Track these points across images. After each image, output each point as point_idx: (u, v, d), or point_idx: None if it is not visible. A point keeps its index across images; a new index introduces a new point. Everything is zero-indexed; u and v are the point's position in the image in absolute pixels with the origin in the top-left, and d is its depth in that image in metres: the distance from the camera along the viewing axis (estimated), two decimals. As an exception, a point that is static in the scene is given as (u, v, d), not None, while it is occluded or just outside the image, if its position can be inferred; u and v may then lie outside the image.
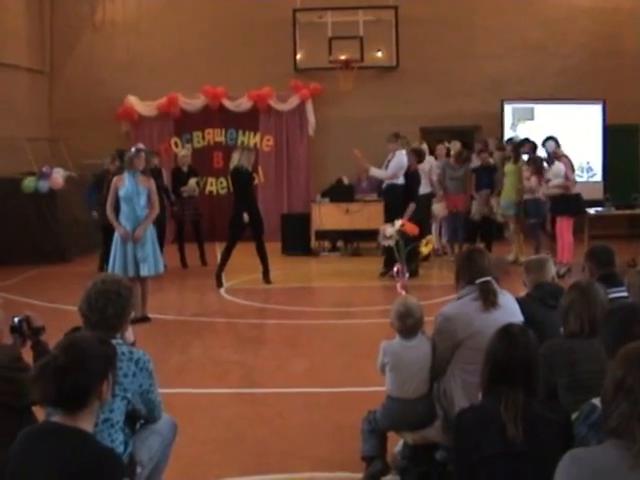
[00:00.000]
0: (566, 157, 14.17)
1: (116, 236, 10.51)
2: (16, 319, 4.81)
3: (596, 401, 3.51)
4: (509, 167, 15.00)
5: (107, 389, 3.60)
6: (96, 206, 14.22)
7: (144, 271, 10.43)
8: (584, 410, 3.56)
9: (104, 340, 3.74)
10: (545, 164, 14.16)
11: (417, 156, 14.53)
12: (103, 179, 14.24)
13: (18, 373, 4.38)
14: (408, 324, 5.33)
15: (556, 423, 3.61)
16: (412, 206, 13.69)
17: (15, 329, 4.79)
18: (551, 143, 14.20)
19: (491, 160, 15.76)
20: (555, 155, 14.05)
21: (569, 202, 13.78)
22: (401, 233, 6.80)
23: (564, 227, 13.70)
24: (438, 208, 15.71)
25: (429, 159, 16.05)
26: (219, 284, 13.26)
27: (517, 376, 3.65)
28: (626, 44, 19.46)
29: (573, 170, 14.36)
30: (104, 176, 14.29)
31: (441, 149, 16.32)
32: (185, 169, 15.74)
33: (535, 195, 14.27)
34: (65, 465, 3.26)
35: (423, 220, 15.65)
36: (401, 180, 13.89)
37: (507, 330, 3.89)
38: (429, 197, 15.71)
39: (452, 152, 16.28)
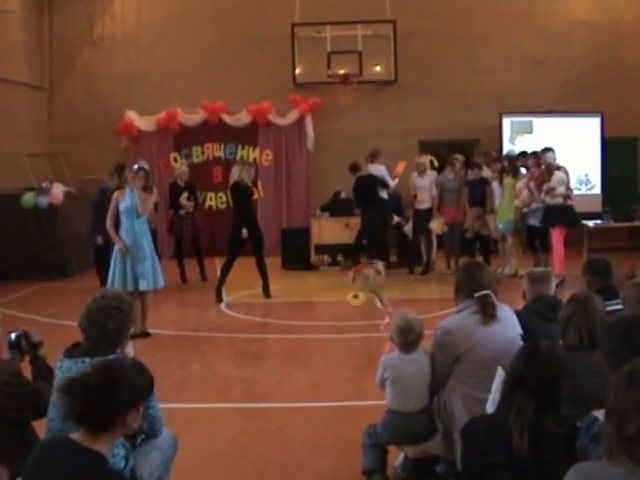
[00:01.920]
0: (564, 168, 14.19)
1: (115, 251, 10.54)
2: (13, 334, 4.82)
3: (597, 413, 3.52)
4: (507, 181, 14.96)
5: (135, 419, 3.63)
6: (97, 224, 14.11)
7: (143, 286, 10.45)
8: (585, 422, 3.56)
9: (142, 369, 3.75)
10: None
11: (351, 170, 15.95)
12: (104, 198, 14.22)
13: (18, 388, 4.40)
14: (409, 339, 5.35)
15: (563, 436, 3.62)
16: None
17: (13, 344, 4.79)
18: (551, 155, 14.20)
19: (484, 174, 15.69)
20: (553, 167, 14.05)
21: (563, 212, 13.79)
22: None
23: (557, 238, 13.71)
24: (435, 224, 15.54)
25: (430, 174, 16.00)
26: (219, 299, 13.26)
27: (530, 388, 3.65)
28: (625, 57, 19.51)
29: (569, 181, 14.34)
30: (104, 195, 14.26)
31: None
32: (182, 184, 15.72)
33: (530, 207, 14.29)
34: None
35: (425, 235, 15.76)
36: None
37: (530, 345, 3.92)
38: (429, 212, 15.71)
39: (435, 164, 16.28)
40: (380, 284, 6.09)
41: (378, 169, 15.95)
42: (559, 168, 14.10)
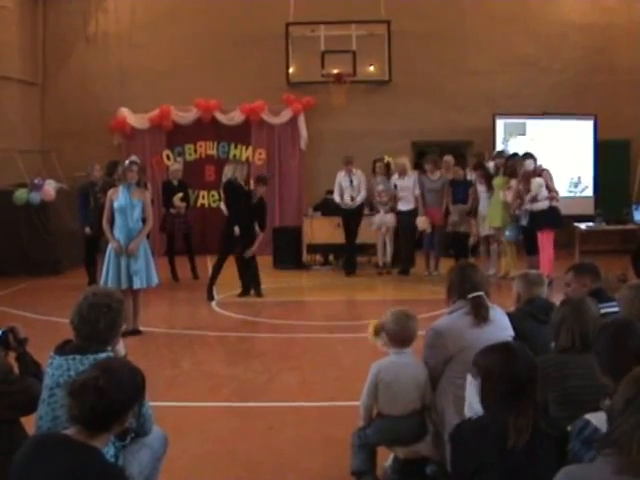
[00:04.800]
0: (545, 171, 14.15)
1: (109, 249, 10.51)
2: None
3: (589, 416, 3.52)
4: (498, 181, 14.87)
5: (130, 418, 3.70)
6: (86, 221, 14.31)
7: (137, 284, 10.43)
8: (577, 425, 3.56)
9: (136, 368, 3.76)
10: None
11: (262, 183, 13.97)
12: (89, 191, 14.38)
13: (9, 386, 4.38)
14: (406, 328, 5.31)
15: (553, 437, 3.62)
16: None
17: (0, 341, 4.75)
18: (530, 162, 14.15)
19: (469, 176, 15.63)
20: (534, 172, 14.01)
21: (550, 215, 13.78)
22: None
23: (545, 240, 13.70)
24: (422, 221, 15.41)
25: (412, 174, 15.91)
26: (210, 297, 13.25)
27: (526, 392, 3.66)
28: (618, 59, 19.55)
29: (553, 182, 14.24)
30: (90, 188, 14.43)
31: (380, 167, 16.06)
32: (175, 183, 15.73)
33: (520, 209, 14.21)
34: (72, 478, 3.27)
35: (409, 236, 15.68)
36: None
37: (509, 348, 3.89)
38: (413, 213, 15.62)
39: (392, 167, 16.09)
40: None
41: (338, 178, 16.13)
42: (542, 172, 14.05)
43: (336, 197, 16.10)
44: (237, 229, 13.07)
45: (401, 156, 16.35)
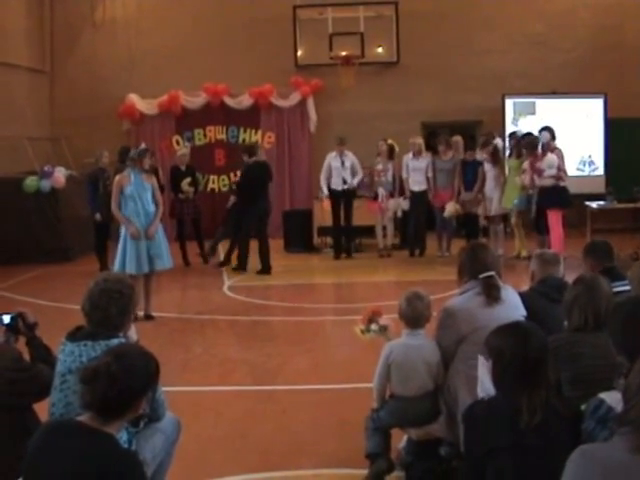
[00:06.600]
0: (559, 149, 14.08)
1: (123, 234, 10.48)
2: (7, 316, 4.76)
3: (603, 395, 3.50)
4: (512, 162, 14.82)
5: (144, 404, 3.68)
6: (96, 207, 14.32)
7: (159, 265, 10.51)
8: (591, 404, 3.54)
9: (150, 354, 3.75)
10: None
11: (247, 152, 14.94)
12: (98, 178, 14.39)
13: (20, 373, 4.38)
14: (418, 308, 5.30)
15: (567, 417, 3.61)
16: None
17: (9, 326, 4.74)
18: (546, 134, 14.11)
19: (477, 156, 15.54)
20: (549, 147, 13.96)
21: (558, 194, 13.69)
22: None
23: (554, 219, 13.63)
24: (453, 209, 15.25)
25: (426, 155, 15.87)
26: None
27: (539, 372, 3.64)
28: (628, 37, 19.40)
29: (564, 162, 14.16)
30: (99, 174, 14.44)
31: (381, 145, 16.04)
32: (183, 168, 15.74)
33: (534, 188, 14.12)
34: (86, 464, 3.27)
35: (419, 217, 15.63)
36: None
37: (520, 328, 3.87)
38: (424, 194, 15.61)
39: (397, 149, 16.07)
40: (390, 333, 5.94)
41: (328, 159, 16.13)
42: (554, 150, 13.99)
43: (322, 180, 15.95)
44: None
45: (415, 136, 16.30)
